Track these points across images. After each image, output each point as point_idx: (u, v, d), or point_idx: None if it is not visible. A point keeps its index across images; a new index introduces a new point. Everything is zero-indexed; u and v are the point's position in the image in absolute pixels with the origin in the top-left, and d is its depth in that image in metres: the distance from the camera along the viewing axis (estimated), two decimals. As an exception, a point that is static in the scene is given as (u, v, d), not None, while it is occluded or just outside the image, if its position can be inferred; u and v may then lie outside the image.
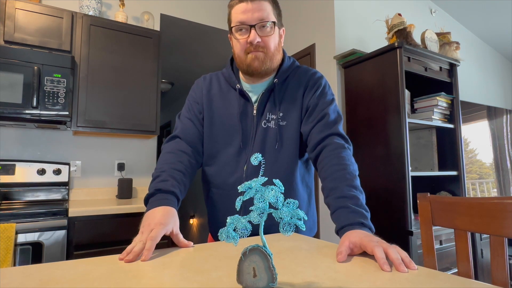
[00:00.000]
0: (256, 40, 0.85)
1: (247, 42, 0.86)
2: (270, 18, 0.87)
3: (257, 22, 0.85)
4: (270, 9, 0.87)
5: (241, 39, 0.87)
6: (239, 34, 0.87)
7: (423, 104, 2.10)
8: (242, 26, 0.85)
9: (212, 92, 0.99)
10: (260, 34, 0.86)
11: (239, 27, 0.86)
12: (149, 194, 0.80)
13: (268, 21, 0.86)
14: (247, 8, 0.84)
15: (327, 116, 0.88)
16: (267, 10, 0.86)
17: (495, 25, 3.22)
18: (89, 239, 1.68)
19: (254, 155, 0.46)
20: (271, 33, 0.87)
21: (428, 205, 0.92)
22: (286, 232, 0.41)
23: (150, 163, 2.50)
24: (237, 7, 0.86)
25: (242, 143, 0.92)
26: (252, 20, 0.84)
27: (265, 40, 0.87)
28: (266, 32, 0.86)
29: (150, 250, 0.61)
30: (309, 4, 2.59)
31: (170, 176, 0.83)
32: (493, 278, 0.76)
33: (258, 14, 0.84)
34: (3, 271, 0.51)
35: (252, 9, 0.84)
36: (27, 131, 2.06)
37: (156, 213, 0.73)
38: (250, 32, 0.85)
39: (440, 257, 1.79)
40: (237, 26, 0.86)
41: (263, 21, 0.85)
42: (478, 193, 3.60)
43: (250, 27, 0.85)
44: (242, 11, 0.85)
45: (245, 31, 0.86)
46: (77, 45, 1.97)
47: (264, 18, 0.85)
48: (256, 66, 0.88)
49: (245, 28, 0.86)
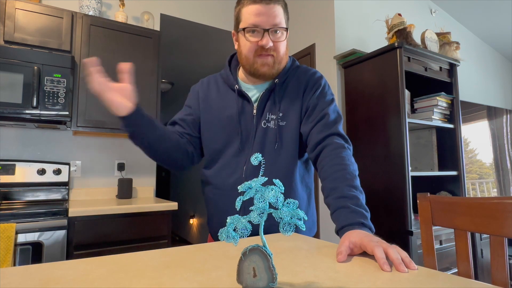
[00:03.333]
0: (269, 45, 0.85)
1: (259, 45, 0.86)
2: (283, 24, 0.87)
3: (271, 27, 0.85)
4: (282, 14, 0.87)
5: (252, 40, 0.86)
6: (251, 36, 0.86)
7: (423, 104, 2.10)
8: (255, 28, 0.85)
9: (210, 94, 0.99)
10: (272, 38, 0.86)
11: (252, 29, 0.86)
12: None
13: (283, 27, 0.86)
14: (261, 11, 0.84)
15: (327, 116, 0.88)
16: (280, 16, 0.86)
17: (495, 25, 3.22)
18: (89, 239, 1.68)
19: (254, 155, 0.46)
20: (282, 38, 0.88)
21: (428, 205, 0.92)
22: (286, 232, 0.41)
23: (150, 163, 2.50)
24: (251, 7, 0.85)
25: (242, 143, 0.92)
26: (266, 24, 0.84)
27: (277, 45, 0.87)
28: (277, 37, 0.87)
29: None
30: (309, 4, 2.59)
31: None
32: (493, 278, 0.76)
33: (273, 18, 0.84)
34: (3, 271, 0.51)
35: (266, 12, 0.84)
36: (27, 131, 2.06)
37: None
38: (263, 35, 0.85)
39: (440, 257, 1.79)
40: (250, 27, 0.85)
41: (277, 27, 0.85)
42: (478, 193, 3.60)
43: (264, 31, 0.85)
44: (256, 13, 0.84)
45: (257, 34, 0.86)
46: (77, 45, 1.97)
47: (278, 24, 0.85)
48: (265, 71, 0.89)
49: (257, 31, 0.85)
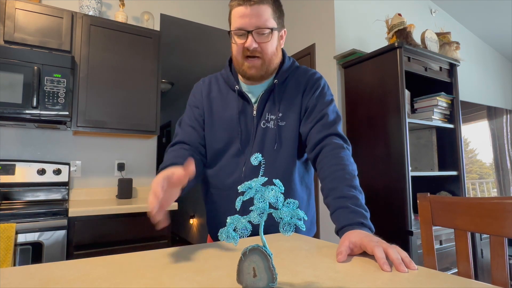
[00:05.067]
0: (253, 46, 0.85)
1: (244, 47, 0.86)
2: (268, 24, 0.85)
3: (253, 29, 0.84)
4: (269, 14, 0.85)
5: (238, 43, 0.87)
6: (238, 38, 0.87)
7: (423, 104, 2.10)
8: (240, 31, 0.85)
9: (212, 94, 0.99)
10: (258, 39, 0.85)
11: (236, 32, 0.86)
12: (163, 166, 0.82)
13: (265, 28, 0.85)
14: (245, 13, 0.83)
15: (326, 116, 0.89)
16: (265, 16, 0.84)
17: (495, 25, 3.22)
18: (89, 239, 1.68)
19: (254, 155, 0.46)
20: (268, 39, 0.86)
21: (428, 205, 0.92)
22: (286, 232, 0.41)
23: (150, 163, 2.50)
24: (236, 10, 0.85)
25: (242, 144, 0.92)
26: (249, 26, 0.84)
27: (262, 46, 0.86)
28: (263, 38, 0.86)
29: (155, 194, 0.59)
30: (309, 4, 2.59)
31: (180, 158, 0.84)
32: (493, 278, 0.76)
33: (255, 20, 0.83)
34: (3, 271, 0.51)
35: (250, 14, 0.83)
36: (27, 131, 2.06)
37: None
38: (247, 37, 0.85)
39: (440, 257, 1.79)
40: (235, 30, 0.86)
41: (259, 28, 0.84)
42: (478, 193, 3.60)
43: (248, 33, 0.84)
44: (240, 16, 0.84)
45: (243, 36, 0.86)
46: (77, 45, 1.97)
47: (260, 25, 0.84)
48: (253, 73, 0.89)
49: (243, 33, 0.86)
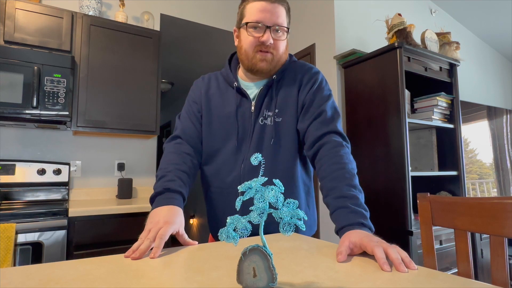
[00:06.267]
0: (269, 41, 0.87)
1: (259, 41, 0.88)
2: (285, 24, 0.90)
3: (273, 25, 0.87)
4: (285, 15, 0.90)
5: (254, 36, 0.88)
6: (253, 31, 0.88)
7: (423, 104, 2.10)
8: (258, 24, 0.87)
9: (211, 91, 0.99)
10: (273, 36, 0.88)
11: (254, 24, 0.87)
12: (157, 192, 0.81)
13: (284, 27, 0.89)
14: (266, 8, 0.86)
15: (324, 113, 0.88)
16: (283, 16, 0.89)
17: (495, 25, 3.22)
18: (89, 239, 1.68)
19: (254, 155, 0.46)
20: (283, 37, 0.90)
21: (428, 205, 0.92)
22: (286, 232, 0.41)
23: (150, 163, 2.50)
24: (256, 3, 0.87)
25: (240, 140, 0.92)
26: (269, 21, 0.87)
27: (276, 43, 0.89)
28: (278, 36, 0.89)
29: (159, 248, 0.62)
30: (309, 4, 2.59)
31: (176, 177, 0.84)
32: (493, 278, 0.76)
33: (276, 17, 0.87)
34: (3, 271, 0.51)
35: (270, 10, 0.87)
36: (27, 131, 2.06)
37: (164, 211, 0.73)
38: (265, 32, 0.87)
39: (440, 257, 1.79)
40: (253, 23, 0.87)
41: (279, 26, 0.88)
42: (478, 193, 3.60)
43: (266, 27, 0.86)
44: (260, 10, 0.87)
45: (259, 30, 0.88)
46: (77, 45, 1.97)
47: (280, 23, 0.88)
48: (263, 66, 0.90)
49: (260, 27, 0.87)
